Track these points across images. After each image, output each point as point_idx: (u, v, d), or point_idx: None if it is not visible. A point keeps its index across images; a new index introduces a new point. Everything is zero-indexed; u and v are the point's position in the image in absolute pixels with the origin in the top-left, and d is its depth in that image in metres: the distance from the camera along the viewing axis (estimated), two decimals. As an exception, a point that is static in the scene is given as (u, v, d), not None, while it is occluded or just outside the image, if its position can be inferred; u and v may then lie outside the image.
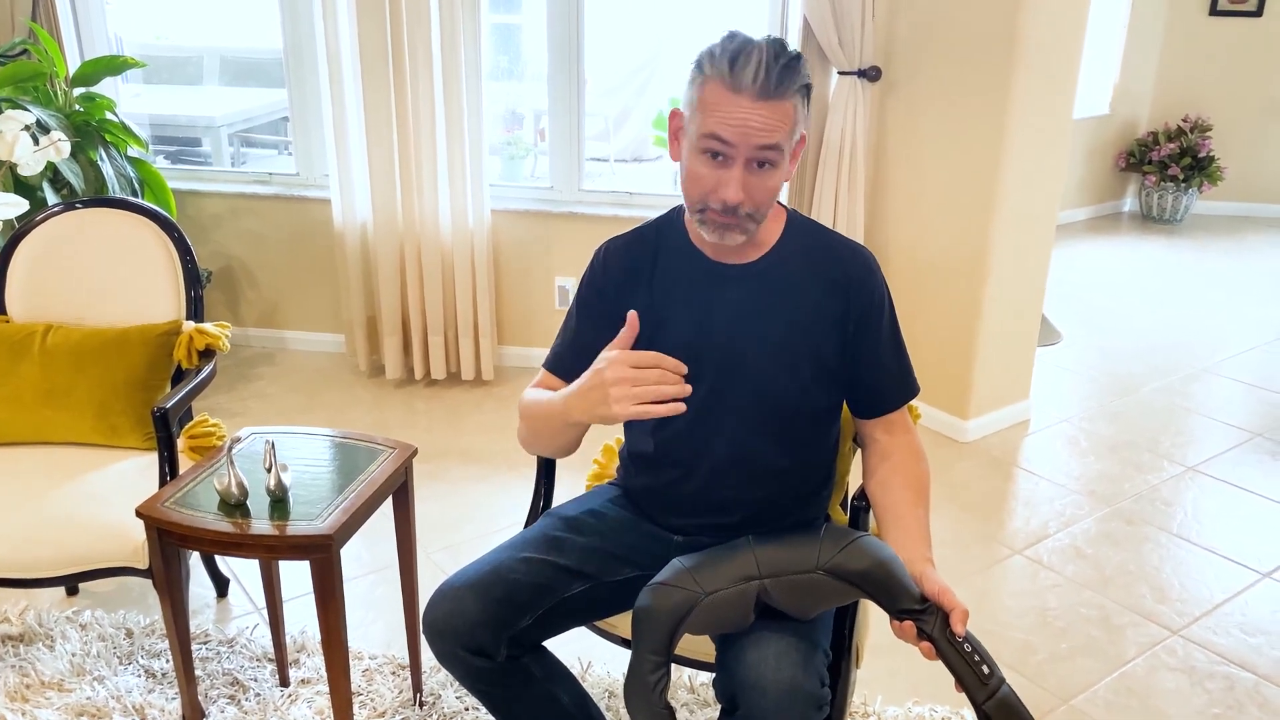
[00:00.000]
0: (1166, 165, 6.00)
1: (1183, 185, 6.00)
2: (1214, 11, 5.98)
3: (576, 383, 1.41)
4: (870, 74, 3.15)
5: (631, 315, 1.40)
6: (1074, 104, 3.17)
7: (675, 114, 1.50)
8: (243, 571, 2.52)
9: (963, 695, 1.33)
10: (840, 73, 3.15)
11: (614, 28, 6.25)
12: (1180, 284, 5.05)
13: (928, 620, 1.33)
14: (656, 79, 6.44)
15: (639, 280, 1.59)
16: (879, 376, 1.60)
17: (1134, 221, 6.25)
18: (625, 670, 2.19)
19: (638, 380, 1.32)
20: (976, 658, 1.31)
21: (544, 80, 3.55)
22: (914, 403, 1.65)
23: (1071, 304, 4.69)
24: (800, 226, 1.59)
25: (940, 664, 1.34)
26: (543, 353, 3.84)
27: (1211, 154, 5.98)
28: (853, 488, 1.83)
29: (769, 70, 1.37)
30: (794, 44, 3.24)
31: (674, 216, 1.62)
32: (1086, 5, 3.05)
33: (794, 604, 1.37)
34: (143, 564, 1.90)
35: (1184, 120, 6.07)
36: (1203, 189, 6.07)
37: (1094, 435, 3.40)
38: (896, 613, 1.35)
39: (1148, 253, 5.61)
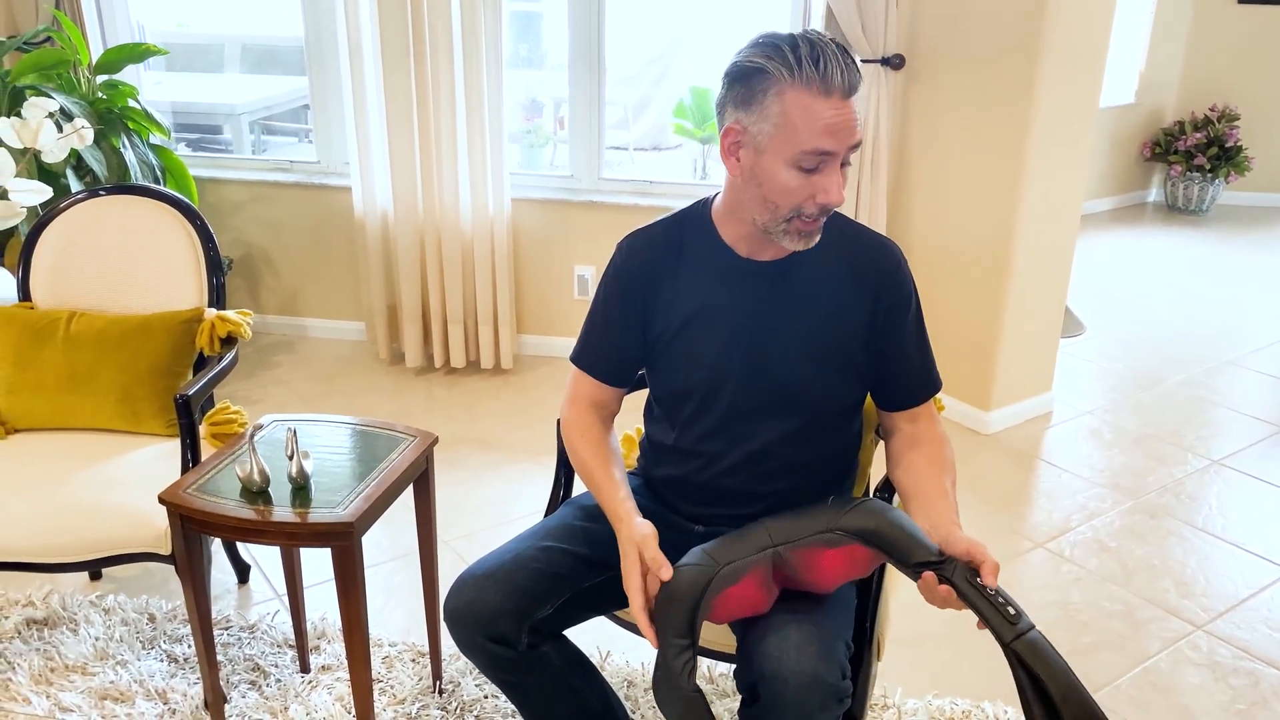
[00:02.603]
0: (1193, 155, 5.93)
1: (1209, 175, 5.93)
2: (1243, -1, 5.91)
3: (628, 535, 1.43)
4: (894, 62, 3.12)
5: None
6: (1100, 92, 3.13)
7: (732, 130, 1.41)
8: (264, 558, 2.54)
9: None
10: (863, 61, 3.12)
11: (633, 16, 6.23)
12: (1206, 275, 5.00)
13: (946, 568, 1.31)
14: (676, 67, 6.42)
15: (663, 277, 1.58)
16: (904, 371, 1.58)
17: (1159, 212, 6.18)
18: (646, 662, 2.20)
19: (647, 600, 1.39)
20: (1001, 599, 1.28)
21: (563, 68, 3.54)
22: (937, 396, 1.64)
23: (1095, 295, 4.65)
24: (828, 220, 1.57)
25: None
26: (563, 342, 3.86)
27: (1239, 144, 5.91)
28: (874, 479, 1.82)
29: (847, 64, 1.33)
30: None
31: (699, 210, 1.59)
32: (1114, -8, 3.01)
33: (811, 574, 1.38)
34: (165, 550, 1.91)
35: (1211, 109, 6.00)
36: (1229, 179, 6.00)
37: (1117, 428, 3.36)
38: (914, 567, 1.33)
39: (1173, 244, 5.55)
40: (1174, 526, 2.79)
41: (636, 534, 1.42)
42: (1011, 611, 1.27)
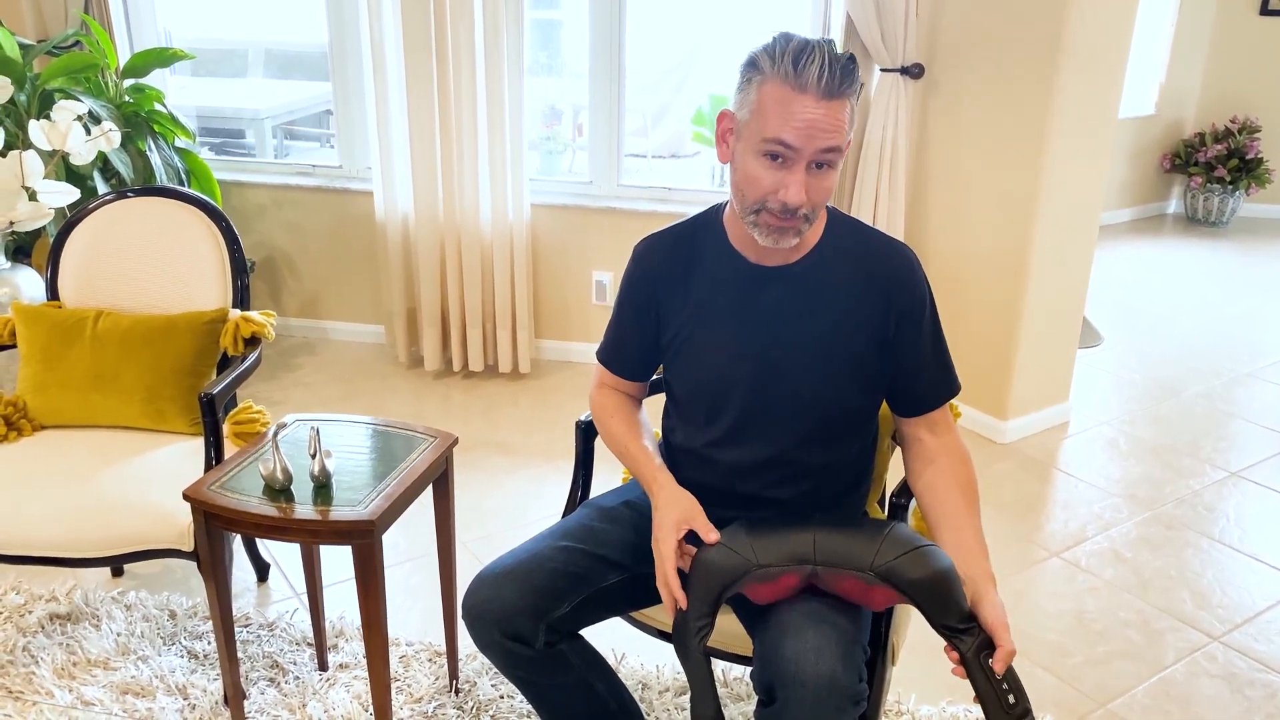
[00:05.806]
0: (1213, 167, 5.91)
1: (1229, 187, 5.91)
2: (1265, 11, 5.88)
3: (668, 497, 1.50)
4: (913, 71, 3.13)
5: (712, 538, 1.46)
6: (1119, 103, 3.13)
7: (725, 115, 1.47)
8: (283, 557, 2.56)
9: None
10: (882, 70, 3.14)
11: (652, 24, 6.25)
12: (1225, 287, 4.97)
13: (966, 640, 1.33)
14: (694, 75, 6.44)
15: (674, 282, 1.60)
16: (921, 375, 1.59)
17: (1178, 224, 6.16)
18: (660, 664, 2.21)
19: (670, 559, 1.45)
20: (1004, 685, 1.30)
21: (582, 76, 3.57)
22: (953, 401, 1.65)
23: (1113, 306, 4.63)
24: (841, 225, 1.58)
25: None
26: (581, 347, 3.88)
27: (1260, 156, 5.88)
28: (890, 484, 1.83)
29: (832, 69, 1.35)
30: (836, 40, 3.24)
31: (712, 216, 1.61)
32: (1134, 3, 3.01)
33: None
34: (188, 546, 1.94)
35: (1232, 121, 5.97)
36: (1250, 191, 5.97)
37: (1134, 439, 3.36)
38: (939, 627, 1.36)
39: (1192, 255, 5.53)
40: (1191, 538, 2.78)
41: (685, 503, 1.48)
42: (1011, 700, 1.30)
